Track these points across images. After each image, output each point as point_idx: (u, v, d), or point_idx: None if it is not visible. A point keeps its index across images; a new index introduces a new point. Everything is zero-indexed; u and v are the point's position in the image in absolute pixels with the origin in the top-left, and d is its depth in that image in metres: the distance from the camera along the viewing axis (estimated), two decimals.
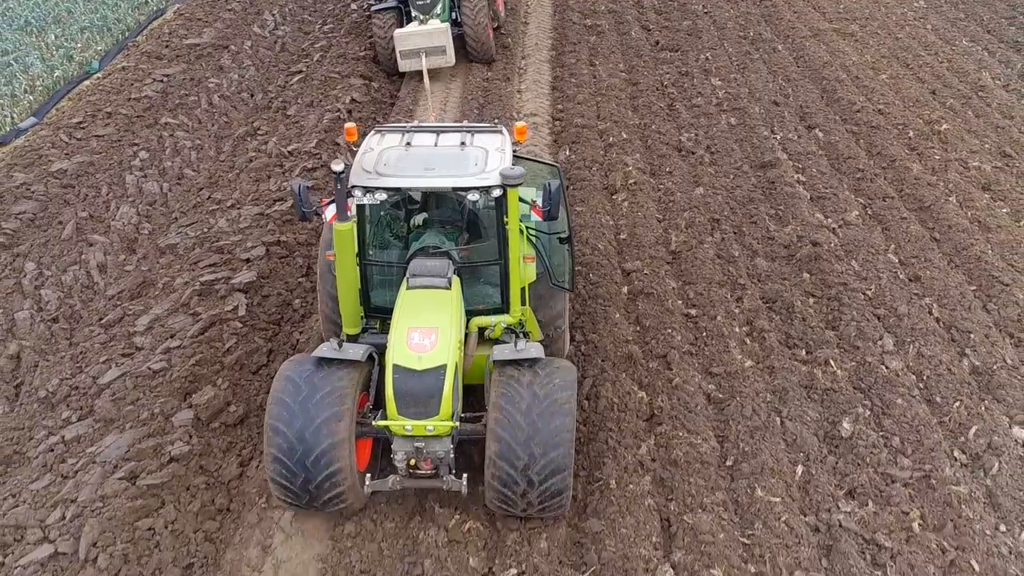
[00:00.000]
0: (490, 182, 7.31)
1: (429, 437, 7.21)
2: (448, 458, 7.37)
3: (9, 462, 8.21)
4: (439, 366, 7.07)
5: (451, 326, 7.31)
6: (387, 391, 7.10)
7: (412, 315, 7.37)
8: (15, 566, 7.07)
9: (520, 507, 7.16)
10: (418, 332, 7.22)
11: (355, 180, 7.36)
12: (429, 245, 7.96)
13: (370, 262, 7.98)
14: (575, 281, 9.25)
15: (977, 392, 9.12)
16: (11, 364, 9.35)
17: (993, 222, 12.06)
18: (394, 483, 7.50)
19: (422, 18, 16.21)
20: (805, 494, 8.01)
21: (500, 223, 7.61)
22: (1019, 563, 7.32)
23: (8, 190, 12.26)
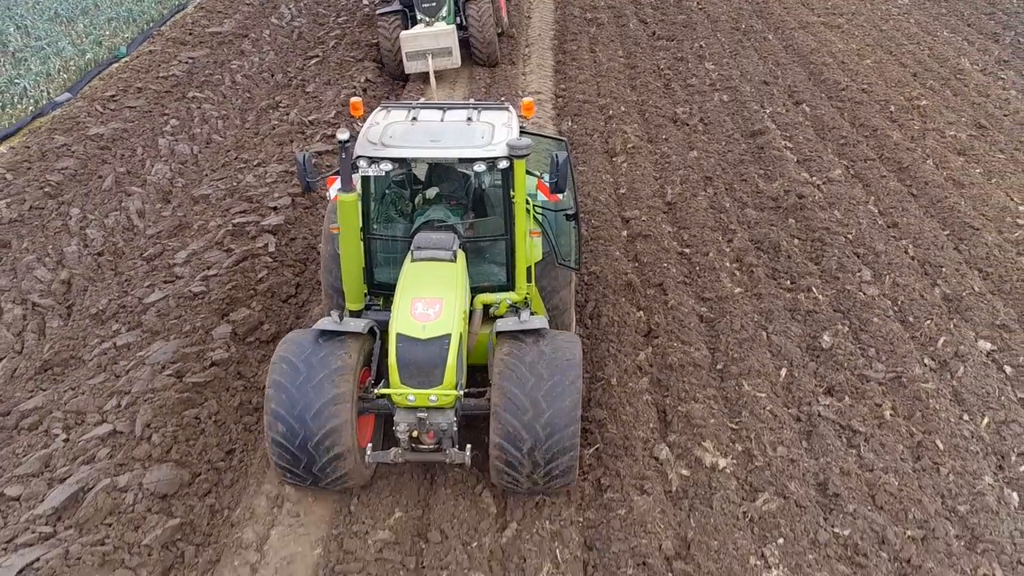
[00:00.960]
0: (497, 153, 7.21)
1: (432, 409, 7.06)
2: (451, 431, 7.18)
3: (67, 364, 9.04)
4: (443, 335, 6.91)
5: (456, 298, 7.16)
6: (390, 360, 6.95)
7: (416, 286, 7.20)
8: (79, 440, 7.88)
9: (526, 486, 7.08)
10: (422, 302, 7.06)
11: (360, 151, 7.25)
12: (434, 219, 7.87)
13: (374, 236, 7.86)
14: (581, 260, 9.16)
15: (946, 313, 9.98)
16: (63, 288, 10.19)
17: (967, 180, 12.97)
18: (396, 456, 7.27)
19: (428, 20, 16.32)
20: (788, 391, 8.85)
21: (506, 197, 7.53)
22: (979, 443, 8.14)
23: (50, 150, 13.18)
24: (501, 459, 6.85)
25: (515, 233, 7.56)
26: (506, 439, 6.74)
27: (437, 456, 7.28)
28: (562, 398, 6.72)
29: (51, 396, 8.50)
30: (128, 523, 7.13)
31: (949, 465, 7.85)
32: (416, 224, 7.87)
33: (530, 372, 6.81)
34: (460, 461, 7.22)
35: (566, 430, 6.71)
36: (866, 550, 7.03)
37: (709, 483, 7.65)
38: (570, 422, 6.71)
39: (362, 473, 7.26)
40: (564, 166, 7.28)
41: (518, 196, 7.34)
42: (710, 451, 7.91)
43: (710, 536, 7.13)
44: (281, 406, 6.78)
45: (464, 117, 7.75)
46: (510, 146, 7.07)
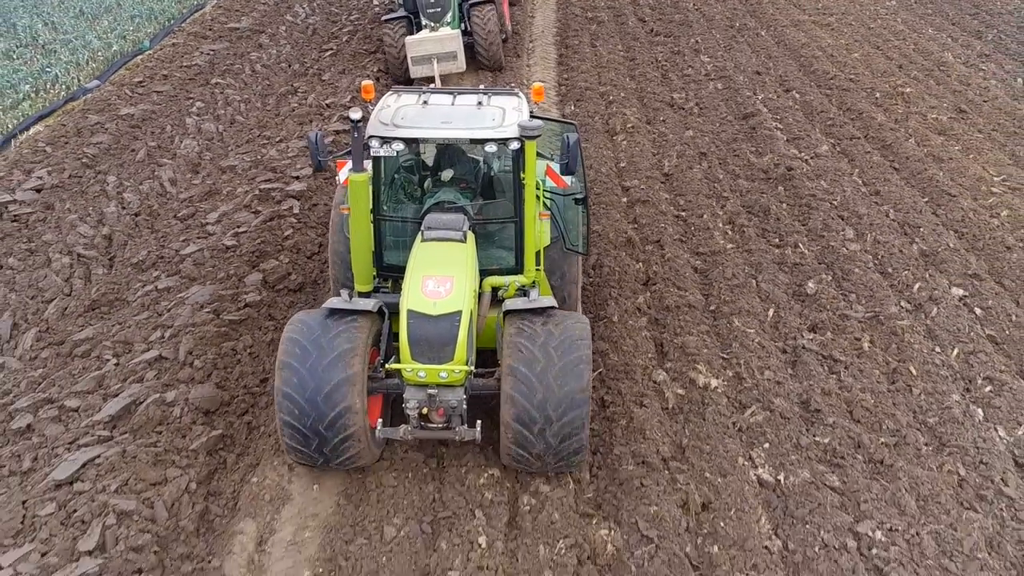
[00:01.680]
0: (508, 134, 7.27)
1: (442, 386, 7.09)
2: (461, 408, 7.21)
3: (112, 304, 9.83)
4: (454, 312, 6.93)
5: (466, 276, 7.19)
6: (401, 336, 6.98)
7: (427, 265, 7.21)
8: (128, 364, 8.66)
9: (536, 465, 7.10)
10: (433, 280, 7.07)
11: (372, 131, 7.30)
12: (444, 201, 7.93)
13: (384, 217, 7.88)
14: (590, 245, 9.24)
15: (923, 266, 10.79)
16: (104, 242, 11.00)
17: (945, 156, 13.81)
18: (405, 432, 7.30)
19: (433, 25, 16.48)
20: (775, 328, 9.64)
21: (516, 179, 7.57)
22: (948, 370, 8.92)
23: (85, 127, 14.04)
24: (512, 438, 6.85)
25: (525, 215, 7.56)
26: (516, 419, 6.75)
27: (446, 433, 7.31)
28: (572, 376, 6.72)
29: (100, 329, 9.29)
30: (176, 431, 7.89)
31: (920, 387, 8.62)
32: (426, 206, 7.92)
33: (540, 351, 6.79)
34: (470, 438, 7.24)
35: (577, 407, 6.72)
36: (843, 453, 7.79)
37: (702, 400, 8.43)
38: (580, 399, 6.72)
39: (371, 452, 7.29)
40: (575, 148, 7.30)
41: (528, 178, 7.34)
42: (703, 373, 8.69)
43: (703, 442, 7.90)
44: (291, 386, 6.76)
45: (475, 101, 7.76)
46: (521, 127, 7.09)
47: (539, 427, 6.73)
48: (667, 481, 7.46)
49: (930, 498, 7.30)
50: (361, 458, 7.20)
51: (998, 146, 14.29)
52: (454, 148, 8.28)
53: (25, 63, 17.12)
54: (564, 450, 6.90)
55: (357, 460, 7.20)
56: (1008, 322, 9.63)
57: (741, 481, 7.45)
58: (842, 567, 6.64)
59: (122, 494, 7.08)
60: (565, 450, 6.90)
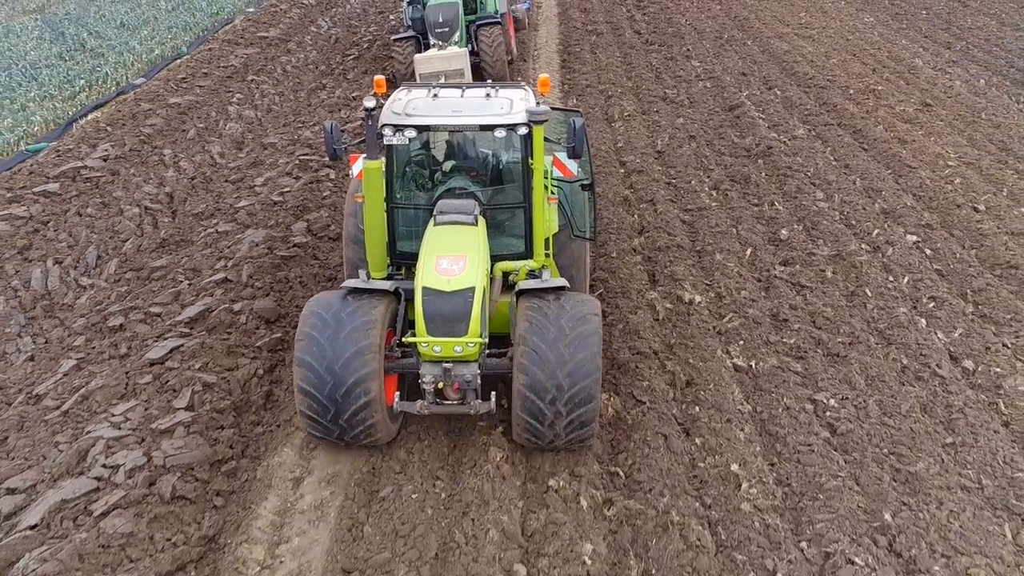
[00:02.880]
0: (517, 120, 7.49)
1: (457, 361, 7.24)
2: (475, 383, 7.36)
3: (179, 243, 11.37)
4: (468, 288, 7.10)
5: (478, 256, 7.35)
6: (416, 312, 7.14)
7: (440, 246, 7.39)
8: (199, 283, 10.17)
9: (548, 437, 7.21)
10: (447, 259, 7.24)
11: (385, 120, 7.54)
12: (456, 187, 8.16)
13: (397, 205, 8.05)
14: (596, 231, 9.44)
15: (883, 219, 12.33)
16: (167, 199, 12.58)
17: (909, 139, 15.44)
18: (421, 407, 7.47)
19: (441, 44, 17.00)
20: (752, 264, 11.16)
21: (525, 165, 7.77)
22: (899, 292, 10.41)
23: (139, 112, 15.70)
24: (524, 409, 6.98)
25: (533, 200, 7.73)
26: (528, 387, 6.87)
27: (462, 408, 7.47)
28: (583, 347, 6.87)
29: (172, 260, 10.82)
30: (243, 332, 9.39)
31: (874, 303, 10.12)
32: (438, 193, 8.16)
33: (552, 324, 6.96)
34: (485, 410, 7.43)
35: (587, 379, 6.84)
36: (806, 349, 9.28)
37: (687, 312, 9.93)
38: (591, 372, 6.85)
39: (388, 429, 7.47)
40: (581, 132, 7.54)
41: (537, 162, 7.49)
42: (688, 292, 10.20)
43: (687, 340, 9.39)
44: (311, 355, 6.95)
45: (483, 94, 7.97)
46: (529, 112, 7.27)
47: (551, 396, 6.85)
48: (658, 366, 8.94)
49: (876, 378, 8.77)
50: (377, 431, 7.30)
51: (957, 132, 15.91)
52: (464, 139, 8.52)
53: (76, 64, 18.83)
54: (575, 420, 6.99)
55: (373, 433, 7.30)
56: (953, 259, 11.14)
57: (719, 366, 8.93)
58: (801, 422, 8.09)
59: (204, 371, 8.55)
60: (576, 420, 7.00)
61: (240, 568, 6.74)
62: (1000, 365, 8.95)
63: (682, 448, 7.81)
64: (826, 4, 27.16)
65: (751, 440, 7.90)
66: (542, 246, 7.98)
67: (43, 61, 18.75)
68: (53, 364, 8.80)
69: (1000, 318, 9.83)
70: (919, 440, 7.86)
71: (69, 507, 6.81)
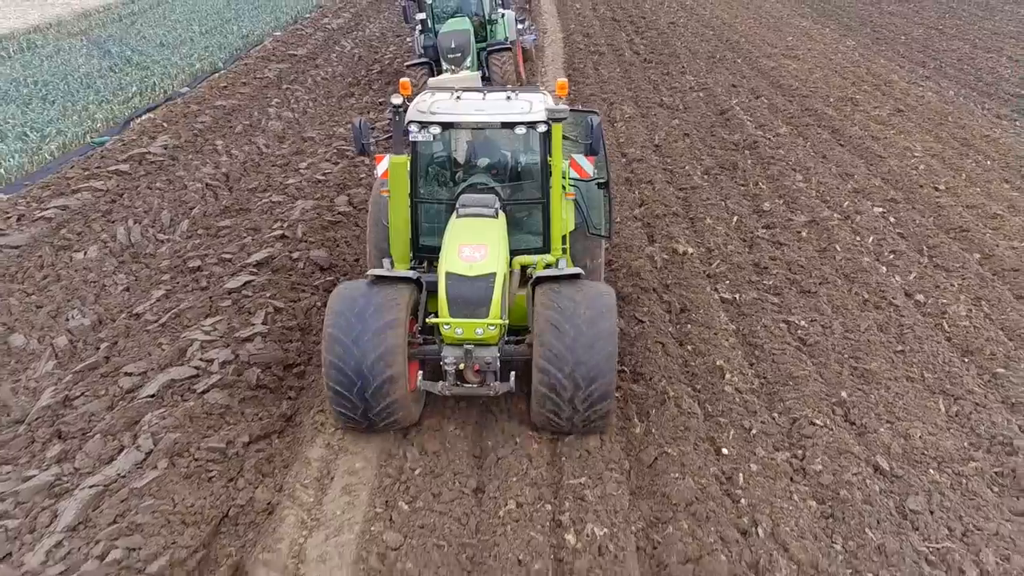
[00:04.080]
0: (537, 117, 7.78)
1: (478, 344, 7.48)
2: (495, 365, 7.58)
3: (239, 211, 13.07)
4: (489, 273, 7.37)
5: (499, 246, 7.62)
6: (440, 296, 7.38)
7: (462, 235, 7.65)
8: (261, 238, 11.81)
9: (567, 413, 7.41)
10: (469, 247, 7.51)
11: (411, 117, 7.87)
12: (477, 183, 8.43)
13: (421, 200, 8.36)
14: (612, 229, 9.63)
15: (854, 196, 14.01)
16: (223, 177, 14.29)
17: (882, 136, 17.20)
18: (443, 388, 7.66)
19: (453, 69, 17.46)
20: (738, 228, 12.82)
21: (543, 160, 8.07)
22: (864, 248, 12.02)
23: (190, 112, 17.50)
24: (541, 379, 7.21)
25: (551, 195, 8.05)
26: (547, 359, 7.13)
27: (482, 390, 7.67)
28: (599, 320, 7.19)
29: (235, 221, 12.49)
30: (302, 274, 11.01)
31: (842, 255, 11.75)
32: (459, 189, 8.41)
33: (568, 302, 7.27)
34: (505, 390, 7.65)
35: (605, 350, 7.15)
36: (782, 287, 10.90)
37: (681, 261, 11.57)
38: (608, 339, 7.16)
39: (411, 412, 7.73)
40: (598, 129, 7.96)
41: (555, 159, 7.86)
42: (682, 245, 11.85)
43: (681, 281, 11.00)
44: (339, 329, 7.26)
45: (504, 96, 8.21)
46: (549, 110, 7.68)
47: (569, 368, 7.09)
48: (656, 298, 10.55)
49: (841, 307, 10.37)
50: (400, 409, 7.51)
51: (925, 131, 17.68)
52: (484, 138, 8.79)
53: (126, 75, 20.70)
54: (593, 393, 7.20)
55: (397, 411, 7.52)
56: (913, 224, 12.80)
57: (708, 299, 10.54)
58: (775, 335, 9.68)
59: (273, 299, 10.16)
60: (594, 393, 7.21)
61: (312, 439, 8.20)
62: (946, 298, 10.57)
63: (676, 353, 9.39)
64: (812, 30, 29.23)
65: (734, 348, 9.48)
66: (559, 241, 8.34)
67: (96, 73, 20.61)
68: (146, 293, 10.42)
69: (950, 267, 11.46)
70: (874, 348, 9.44)
71: (177, 385, 8.37)
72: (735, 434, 7.99)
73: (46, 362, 8.89)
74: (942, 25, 30.63)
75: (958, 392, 8.63)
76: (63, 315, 9.84)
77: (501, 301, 7.47)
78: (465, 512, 7.01)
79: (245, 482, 7.48)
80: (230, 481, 7.44)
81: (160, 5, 31.21)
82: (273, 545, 6.78)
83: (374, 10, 31.98)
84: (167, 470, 7.21)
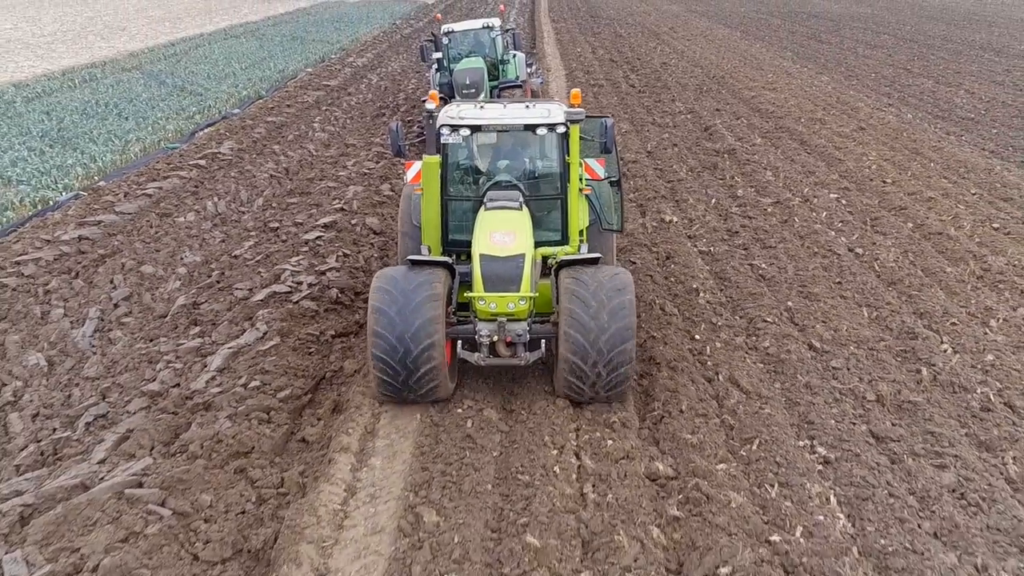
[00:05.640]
0: (557, 120, 8.57)
1: (510, 319, 8.20)
2: (525, 338, 8.29)
3: (302, 194, 15.72)
4: (519, 254, 8.13)
5: (526, 233, 8.35)
6: (475, 274, 8.12)
7: (493, 224, 8.38)
8: (324, 209, 14.44)
9: (588, 393, 8.12)
10: (499, 233, 8.25)
11: (442, 121, 8.63)
12: (502, 180, 9.16)
13: (451, 198, 9.08)
14: (624, 223, 10.55)
15: (814, 186, 16.68)
16: (283, 172, 17.03)
17: (843, 146, 19.98)
18: (479, 359, 8.39)
19: None
20: (715, 208, 15.47)
21: (562, 159, 8.83)
22: (819, 221, 14.63)
23: (246, 126, 20.36)
24: (570, 350, 7.83)
25: (570, 191, 8.78)
26: (573, 326, 7.81)
27: (514, 360, 8.44)
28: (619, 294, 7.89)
29: (300, 200, 15.18)
30: (360, 235, 13.62)
31: (799, 224, 14.37)
32: (486, 187, 9.13)
33: (591, 279, 8.01)
34: (535, 359, 8.42)
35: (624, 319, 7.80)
36: (749, 245, 13.50)
37: (667, 227, 14.20)
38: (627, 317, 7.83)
39: (447, 385, 8.36)
40: (611, 130, 8.90)
41: (572, 157, 8.65)
42: (668, 215, 14.50)
43: (667, 240, 13.61)
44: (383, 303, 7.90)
45: (523, 105, 9.03)
46: (567, 113, 8.54)
47: (593, 336, 7.76)
48: (646, 250, 13.15)
49: (794, 256, 12.95)
50: (438, 375, 8.07)
51: (881, 143, 20.47)
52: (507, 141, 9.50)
53: (183, 99, 23.61)
54: (615, 359, 7.87)
55: (436, 377, 8.06)
56: (861, 204, 15.46)
57: (688, 251, 13.13)
58: (741, 272, 12.23)
59: (341, 249, 12.75)
60: (615, 359, 7.87)
61: None
62: (880, 250, 13.15)
63: (662, 282, 11.96)
64: (791, 69, 32.34)
65: (707, 279, 12.04)
66: (577, 232, 9.10)
67: (156, 97, 23.53)
68: (239, 243, 13.03)
69: (887, 231, 14.07)
70: (817, 280, 12.00)
71: (278, 296, 10.92)
72: (705, 327, 10.52)
73: (173, 283, 11.45)
74: (911, 66, 33.80)
75: (879, 305, 11.17)
76: (178, 255, 12.43)
77: (530, 278, 8.20)
78: None
79: (335, 358, 9.94)
80: (324, 356, 9.92)
81: (199, 48, 34.40)
82: (358, 398, 9.21)
83: (393, 52, 35.18)
84: (279, 344, 9.71)
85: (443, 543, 6.50)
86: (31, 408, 8.43)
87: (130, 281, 11.46)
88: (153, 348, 9.54)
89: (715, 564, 6.34)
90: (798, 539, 6.69)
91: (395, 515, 7.00)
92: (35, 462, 7.56)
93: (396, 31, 43.16)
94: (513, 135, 9.27)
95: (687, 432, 8.13)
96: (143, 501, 6.80)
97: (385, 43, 37.80)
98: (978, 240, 13.63)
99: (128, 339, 9.85)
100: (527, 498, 7.07)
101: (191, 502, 6.94)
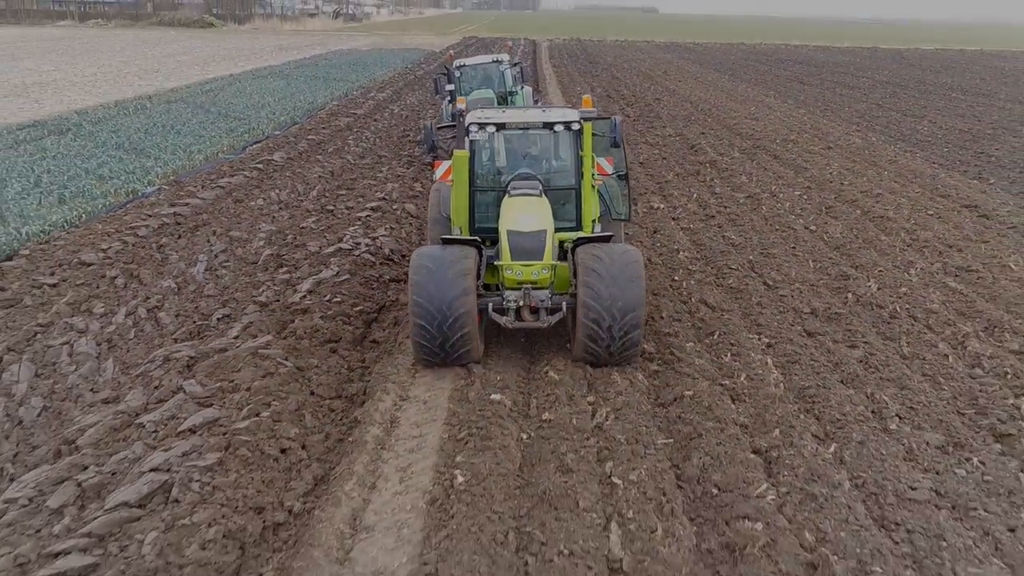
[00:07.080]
0: (572, 118, 9.79)
1: (535, 289, 9.19)
2: (547, 303, 9.23)
3: (351, 185, 18.57)
4: (542, 230, 9.20)
5: (547, 215, 9.38)
6: (503, 247, 9.20)
7: (517, 208, 9.41)
8: (369, 199, 17.31)
9: (603, 356, 9.07)
10: (523, 215, 9.30)
11: (470, 120, 9.79)
12: (523, 172, 10.14)
13: (478, 188, 10.20)
14: (631, 213, 11.67)
15: (781, 186, 19.59)
16: (329, 175, 19.89)
17: (811, 159, 22.96)
18: (507, 322, 9.30)
19: None
20: (697, 202, 18.34)
21: (576, 154, 9.92)
22: (784, 207, 17.50)
23: (290, 142, 23.35)
24: (587, 316, 8.76)
25: (583, 182, 9.79)
26: (590, 296, 8.68)
27: (538, 323, 9.37)
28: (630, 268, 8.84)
29: (347, 192, 18.02)
30: (400, 219, 16.43)
31: (766, 211, 17.22)
32: (509, 179, 10.17)
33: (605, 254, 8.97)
34: (558, 318, 9.36)
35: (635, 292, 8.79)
36: (722, 224, 16.33)
37: (655, 211, 17.05)
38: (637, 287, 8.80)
39: (478, 349, 9.38)
40: (619, 126, 10.05)
41: (586, 151, 9.66)
42: (655, 202, 17.36)
43: (654, 221, 16.44)
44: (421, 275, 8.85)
45: (540, 109, 10.40)
46: (581, 112, 9.83)
47: (608, 303, 8.71)
48: (637, 227, 15.97)
49: (759, 232, 15.75)
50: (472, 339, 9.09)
51: (845, 158, 23.46)
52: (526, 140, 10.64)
53: (229, 123, 26.67)
54: (627, 324, 8.83)
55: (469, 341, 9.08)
56: (820, 198, 18.34)
57: (672, 228, 15.96)
58: (715, 239, 15.03)
59: (386, 224, 15.57)
60: (628, 324, 8.83)
61: None
62: (830, 227, 15.98)
63: (649, 245, 14.75)
64: (772, 104, 35.63)
65: (686, 245, 14.83)
66: (590, 218, 10.11)
67: (205, 122, 26.57)
68: (302, 219, 15.82)
69: (839, 216, 16.92)
70: (776, 245, 14.80)
71: (342, 252, 13.66)
72: (683, 272, 13.30)
73: (258, 242, 14.22)
74: (883, 103, 37.16)
75: (823, 259, 13.96)
76: (256, 226, 15.24)
77: (552, 250, 9.28)
78: None
79: (391, 293, 12.65)
80: (384, 291, 12.64)
81: (231, 85, 37.68)
82: None
83: (409, 89, 38.49)
84: (350, 279, 12.41)
85: (489, 380, 9.20)
86: (173, 311, 11.15)
87: (223, 241, 14.24)
88: (254, 279, 12.29)
89: (682, 391, 9.02)
90: (743, 382, 9.39)
91: (452, 377, 9.69)
92: (187, 336, 10.27)
93: (410, 72, 46.68)
94: (533, 132, 10.49)
95: (665, 329, 10.85)
96: (272, 357, 9.46)
97: (401, 82, 41.17)
98: (913, 222, 16.48)
99: (233, 274, 12.60)
100: None
101: (305, 362, 9.62)
